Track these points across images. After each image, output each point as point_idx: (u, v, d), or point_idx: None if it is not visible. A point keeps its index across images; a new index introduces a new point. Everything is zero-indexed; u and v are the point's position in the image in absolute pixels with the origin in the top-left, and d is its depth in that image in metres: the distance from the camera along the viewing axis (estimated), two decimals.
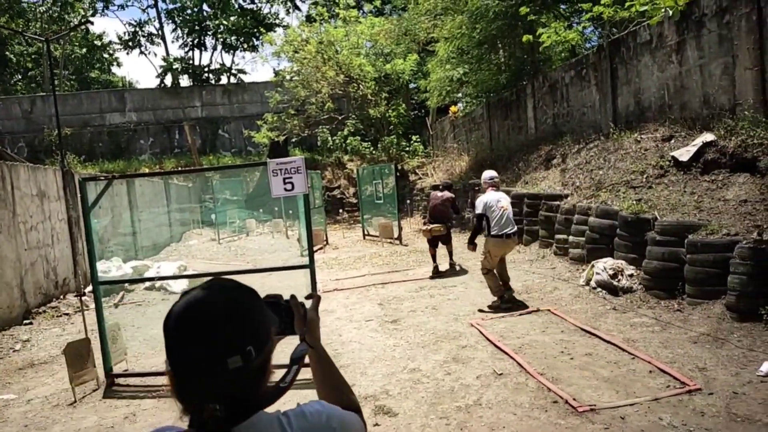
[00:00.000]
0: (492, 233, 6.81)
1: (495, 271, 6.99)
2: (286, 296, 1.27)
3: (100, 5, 30.79)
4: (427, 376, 4.81)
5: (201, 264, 12.59)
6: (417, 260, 10.82)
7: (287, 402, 1.09)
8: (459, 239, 9.91)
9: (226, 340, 0.98)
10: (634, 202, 7.24)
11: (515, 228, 6.88)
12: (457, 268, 9.57)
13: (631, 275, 6.77)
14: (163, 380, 5.20)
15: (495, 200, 6.82)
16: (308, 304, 1.33)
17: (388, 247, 13.32)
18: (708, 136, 7.35)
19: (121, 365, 5.48)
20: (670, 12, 8.18)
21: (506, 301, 6.82)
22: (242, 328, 1.01)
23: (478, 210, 6.88)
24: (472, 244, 7.21)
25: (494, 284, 6.95)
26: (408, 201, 18.10)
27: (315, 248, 10.30)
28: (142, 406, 4.76)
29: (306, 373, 1.33)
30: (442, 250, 10.29)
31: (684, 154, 7.48)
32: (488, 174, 7.22)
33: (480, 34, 13.48)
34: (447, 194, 9.56)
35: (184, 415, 1.00)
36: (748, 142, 6.76)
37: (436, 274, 9.20)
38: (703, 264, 5.71)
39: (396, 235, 13.91)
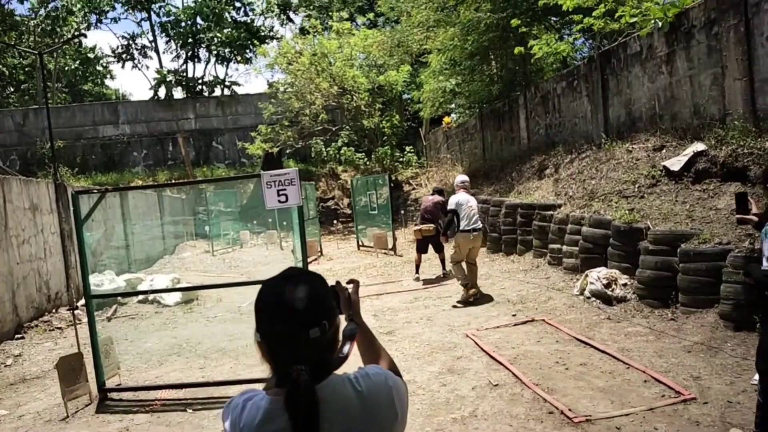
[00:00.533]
0: (461, 228, 7.88)
1: (463, 264, 7.98)
2: None
3: (93, 18, 30.81)
4: (422, 388, 4.79)
5: (195, 276, 12.53)
6: (411, 271, 10.79)
7: None
8: (448, 247, 9.97)
9: (308, 316, 1.22)
10: (627, 212, 7.28)
11: (480, 225, 8.10)
12: (451, 275, 9.60)
13: (624, 284, 6.79)
14: (157, 394, 5.17)
15: (465, 201, 7.95)
16: (350, 288, 1.56)
17: (382, 257, 13.32)
18: (699, 146, 7.41)
19: (114, 379, 5.44)
20: (660, 23, 8.28)
21: (468, 288, 7.77)
22: (319, 306, 1.26)
23: (451, 206, 8.06)
24: (444, 235, 8.47)
25: (461, 274, 7.96)
26: (402, 211, 18.12)
27: (309, 259, 10.28)
28: (136, 420, 4.71)
29: None
30: (435, 260, 10.35)
31: (675, 163, 7.54)
32: (460, 178, 8.47)
33: (472, 46, 13.59)
34: (437, 197, 10.09)
35: (273, 374, 1.24)
36: (739, 151, 6.82)
37: (418, 280, 9.88)
38: (696, 273, 5.74)
39: (390, 245, 13.92)
